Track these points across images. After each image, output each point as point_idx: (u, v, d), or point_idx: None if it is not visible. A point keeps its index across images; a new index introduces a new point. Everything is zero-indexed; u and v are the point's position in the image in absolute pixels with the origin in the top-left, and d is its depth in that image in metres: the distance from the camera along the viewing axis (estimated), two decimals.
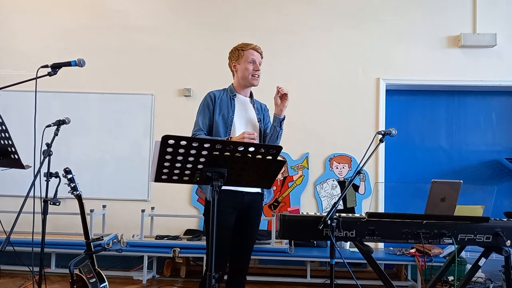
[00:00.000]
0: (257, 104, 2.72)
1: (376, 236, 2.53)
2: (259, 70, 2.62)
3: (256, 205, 2.57)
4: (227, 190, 2.38)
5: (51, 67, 2.33)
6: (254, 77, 2.61)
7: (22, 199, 2.15)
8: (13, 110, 4.80)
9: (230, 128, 2.53)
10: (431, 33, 4.91)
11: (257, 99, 2.77)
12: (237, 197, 2.47)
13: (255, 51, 2.63)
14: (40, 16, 5.11)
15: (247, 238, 2.58)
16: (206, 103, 2.59)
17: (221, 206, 2.34)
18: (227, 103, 2.59)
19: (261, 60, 2.67)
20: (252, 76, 2.60)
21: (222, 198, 2.33)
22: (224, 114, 2.55)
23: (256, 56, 2.62)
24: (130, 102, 4.96)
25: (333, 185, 4.85)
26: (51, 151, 2.67)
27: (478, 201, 2.83)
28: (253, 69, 2.60)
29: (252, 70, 2.60)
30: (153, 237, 4.52)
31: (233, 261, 2.56)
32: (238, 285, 2.57)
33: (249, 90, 2.71)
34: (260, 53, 2.66)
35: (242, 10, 5.01)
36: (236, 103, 2.62)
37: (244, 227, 2.55)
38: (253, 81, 2.62)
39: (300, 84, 4.91)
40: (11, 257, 3.72)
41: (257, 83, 2.65)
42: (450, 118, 5.07)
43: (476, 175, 4.96)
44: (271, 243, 4.30)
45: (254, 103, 2.70)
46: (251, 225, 2.57)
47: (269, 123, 2.71)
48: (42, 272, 2.70)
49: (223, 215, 2.37)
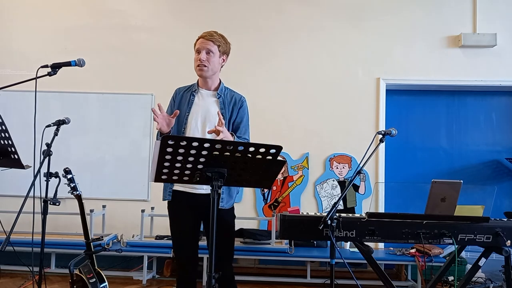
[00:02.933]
0: (226, 97, 2.46)
1: (376, 236, 2.53)
2: (200, 59, 2.37)
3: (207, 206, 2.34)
4: (182, 192, 2.39)
5: (51, 67, 2.33)
6: (198, 67, 2.39)
7: (22, 199, 2.15)
8: (13, 110, 4.80)
9: (185, 126, 2.40)
10: (431, 33, 4.91)
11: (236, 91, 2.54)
12: (192, 198, 2.39)
13: (202, 39, 2.40)
14: (40, 16, 5.11)
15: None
16: (170, 100, 2.51)
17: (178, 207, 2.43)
18: (187, 99, 2.44)
19: (213, 47, 2.38)
20: (197, 67, 2.40)
21: (179, 199, 2.41)
22: (181, 112, 2.39)
23: (201, 45, 2.39)
24: (130, 102, 4.95)
25: (333, 185, 4.85)
26: (51, 151, 2.67)
27: (478, 201, 2.84)
28: (197, 59, 2.40)
29: (196, 60, 2.41)
30: (153, 237, 4.52)
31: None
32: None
33: (213, 82, 2.47)
34: (209, 40, 2.38)
35: (242, 10, 5.01)
36: (196, 99, 2.45)
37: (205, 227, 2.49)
38: (197, 71, 2.41)
39: (300, 84, 4.91)
40: (11, 257, 3.71)
41: (202, 73, 2.40)
42: (450, 118, 5.07)
43: (476, 175, 4.96)
44: (271, 243, 4.29)
45: (219, 97, 2.46)
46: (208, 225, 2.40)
47: (243, 118, 2.46)
48: (42, 272, 2.70)
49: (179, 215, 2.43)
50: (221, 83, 2.52)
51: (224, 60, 2.50)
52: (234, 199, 2.50)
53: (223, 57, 2.48)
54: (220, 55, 2.44)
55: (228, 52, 2.52)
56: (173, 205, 2.48)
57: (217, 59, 2.43)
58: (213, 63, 2.41)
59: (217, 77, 2.50)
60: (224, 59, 2.49)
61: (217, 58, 2.43)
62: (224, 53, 2.47)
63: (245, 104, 2.50)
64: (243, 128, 2.45)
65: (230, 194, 2.45)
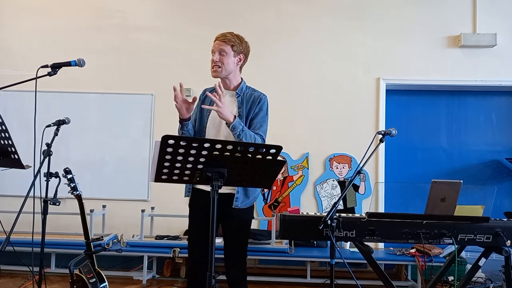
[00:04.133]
0: (245, 96, 2.47)
1: (376, 236, 2.53)
2: (214, 61, 2.40)
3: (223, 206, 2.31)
4: (200, 190, 2.42)
5: (51, 67, 2.33)
6: (212, 68, 2.42)
7: (22, 199, 2.16)
8: (13, 110, 4.80)
9: (206, 126, 2.44)
10: (431, 33, 4.91)
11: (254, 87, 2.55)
12: (204, 197, 2.39)
13: (216, 41, 2.43)
14: (40, 16, 5.11)
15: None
16: (197, 101, 2.49)
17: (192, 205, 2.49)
18: (209, 100, 2.43)
19: (226, 47, 2.39)
20: (211, 68, 2.43)
21: (197, 197, 2.45)
22: (202, 113, 2.47)
23: (215, 47, 2.42)
24: (130, 102, 4.95)
25: (333, 185, 4.85)
26: (51, 151, 2.68)
27: (478, 201, 2.84)
28: (211, 61, 2.43)
29: (211, 62, 2.43)
30: (153, 237, 4.52)
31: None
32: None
33: (231, 82, 2.48)
34: (222, 41, 2.40)
35: (242, 10, 5.01)
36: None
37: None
38: (211, 73, 2.43)
39: (300, 84, 4.92)
40: (11, 257, 3.71)
41: (216, 74, 2.42)
42: (450, 118, 5.07)
43: (476, 175, 4.96)
44: (271, 243, 4.29)
45: (238, 96, 2.46)
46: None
47: (258, 114, 2.44)
48: (42, 272, 2.70)
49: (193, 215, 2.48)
50: (241, 83, 2.51)
51: (241, 59, 2.48)
52: (251, 200, 2.46)
53: (239, 57, 2.46)
54: (235, 55, 2.43)
55: (245, 51, 2.50)
56: (191, 203, 2.52)
57: (232, 59, 2.43)
58: (228, 63, 2.41)
59: (235, 76, 2.49)
60: (241, 58, 2.47)
61: (232, 58, 2.42)
62: (240, 53, 2.45)
63: (263, 101, 2.46)
64: (257, 124, 2.42)
65: (247, 194, 2.41)
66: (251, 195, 2.44)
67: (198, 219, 2.43)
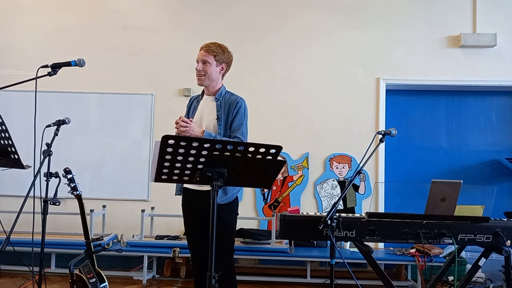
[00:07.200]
0: (223, 100, 2.58)
1: (376, 236, 2.54)
2: (197, 69, 2.55)
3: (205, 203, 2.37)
4: (187, 189, 2.55)
5: (51, 67, 2.33)
6: (197, 77, 2.57)
7: (22, 199, 2.15)
8: (13, 110, 4.80)
9: None
10: (431, 33, 4.91)
11: (234, 92, 2.64)
12: (192, 196, 2.52)
13: (200, 51, 2.58)
14: (40, 16, 5.11)
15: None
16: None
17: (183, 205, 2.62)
18: (194, 106, 2.65)
19: (209, 57, 2.53)
20: (196, 76, 2.58)
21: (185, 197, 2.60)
22: (188, 118, 2.59)
23: (199, 56, 2.57)
24: (130, 102, 4.95)
25: (333, 185, 4.85)
26: (51, 151, 2.67)
27: (478, 201, 2.84)
28: (196, 69, 2.57)
29: (196, 70, 2.58)
30: (153, 237, 4.52)
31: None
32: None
33: (213, 88, 2.60)
34: (205, 51, 2.54)
35: (242, 10, 5.01)
36: (200, 106, 2.63)
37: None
38: (196, 80, 2.59)
39: (300, 84, 4.92)
40: (11, 257, 3.71)
41: (200, 82, 2.57)
42: (450, 118, 5.07)
43: (476, 175, 4.96)
44: (271, 243, 4.29)
45: (217, 100, 2.57)
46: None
47: (235, 118, 2.53)
48: (42, 272, 2.70)
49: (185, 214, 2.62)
50: (221, 88, 2.63)
51: (224, 68, 2.61)
52: (229, 196, 2.49)
53: (221, 66, 2.59)
54: (217, 64, 2.57)
55: (228, 60, 2.62)
56: (182, 203, 2.65)
57: (214, 68, 2.56)
58: (211, 72, 2.55)
59: (217, 83, 2.62)
60: (223, 67, 2.60)
61: (214, 67, 2.56)
62: (222, 62, 2.58)
63: (240, 105, 2.55)
64: (235, 127, 2.52)
65: (225, 191, 2.46)
66: (229, 192, 2.50)
67: (189, 218, 2.58)
